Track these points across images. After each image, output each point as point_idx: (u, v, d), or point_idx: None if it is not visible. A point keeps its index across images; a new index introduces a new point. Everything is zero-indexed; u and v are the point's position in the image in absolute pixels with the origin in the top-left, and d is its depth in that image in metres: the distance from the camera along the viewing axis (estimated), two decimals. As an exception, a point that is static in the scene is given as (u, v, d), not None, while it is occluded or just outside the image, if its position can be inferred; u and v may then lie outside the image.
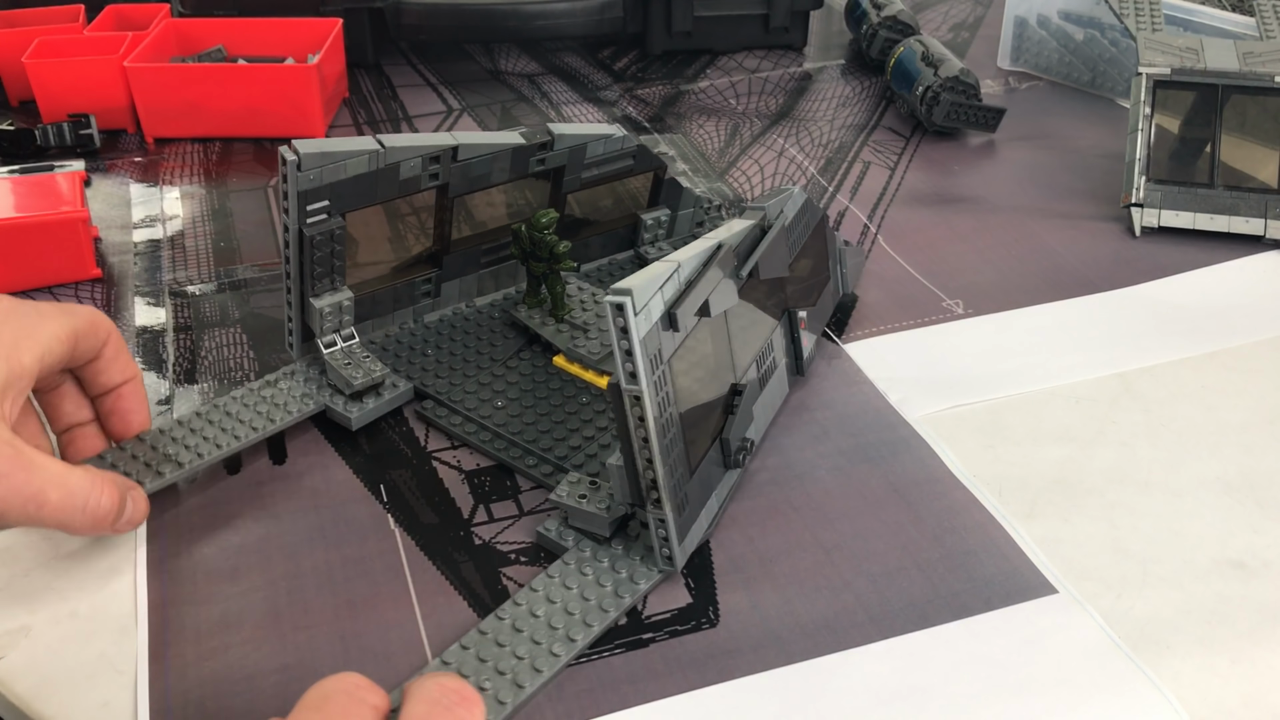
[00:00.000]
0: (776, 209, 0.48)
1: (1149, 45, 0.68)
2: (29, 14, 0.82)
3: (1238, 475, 0.47)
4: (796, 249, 0.50)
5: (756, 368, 0.47)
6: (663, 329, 0.39)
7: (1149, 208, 0.65)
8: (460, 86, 0.85)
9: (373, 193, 0.45)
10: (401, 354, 0.53)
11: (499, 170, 0.49)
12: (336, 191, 0.44)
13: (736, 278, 0.44)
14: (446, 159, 0.46)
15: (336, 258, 0.46)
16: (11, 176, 0.64)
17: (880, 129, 0.79)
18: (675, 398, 0.40)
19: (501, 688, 0.37)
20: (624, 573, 0.41)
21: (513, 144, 0.49)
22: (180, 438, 0.46)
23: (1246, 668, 0.38)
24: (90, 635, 0.40)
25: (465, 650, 0.38)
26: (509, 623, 0.39)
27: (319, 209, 0.43)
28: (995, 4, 1.02)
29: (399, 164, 0.45)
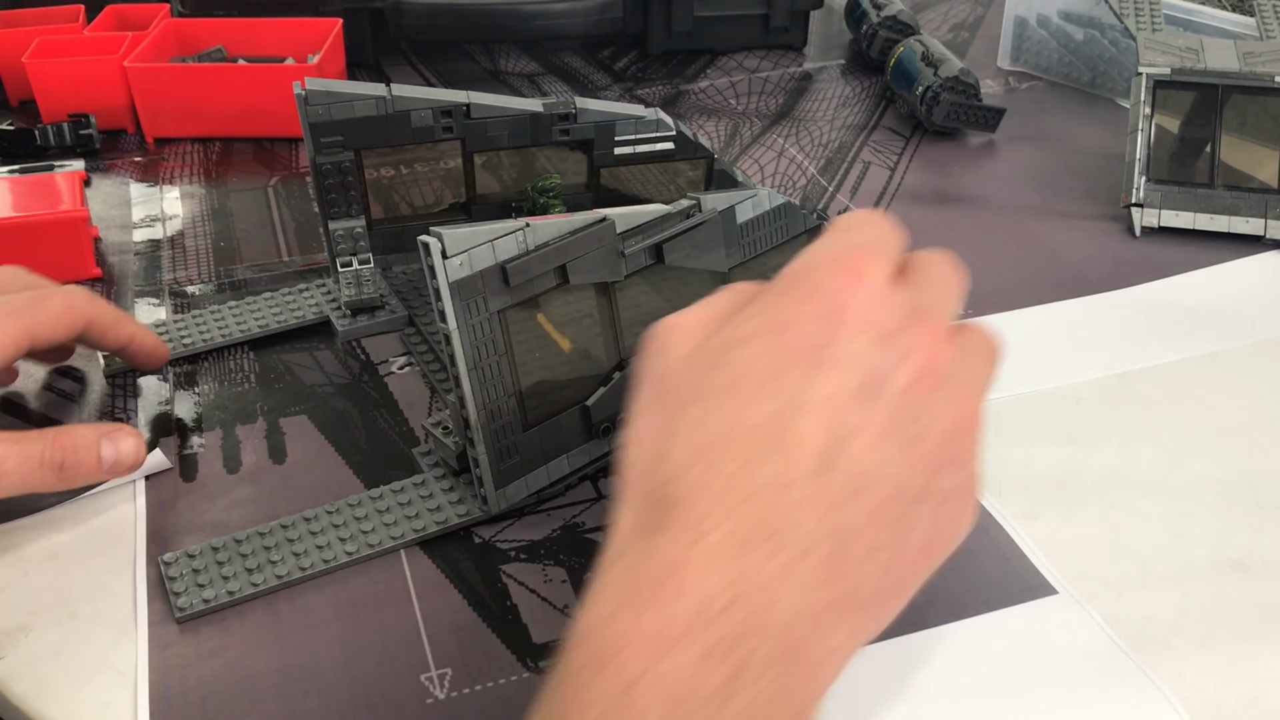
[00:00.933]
0: (721, 202, 0.47)
1: (1149, 45, 0.68)
2: (29, 14, 0.82)
3: (1238, 475, 0.47)
4: (756, 249, 0.49)
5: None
6: (494, 281, 0.41)
7: (1149, 208, 0.65)
8: (460, 86, 0.85)
9: (385, 136, 0.48)
10: (418, 287, 0.58)
11: (519, 134, 0.51)
12: (348, 129, 0.47)
13: (619, 255, 0.44)
14: (459, 115, 0.48)
15: (350, 188, 0.49)
16: (11, 176, 0.65)
17: (880, 129, 0.79)
18: (509, 349, 0.42)
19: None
20: (455, 500, 0.45)
21: (530, 110, 0.49)
22: (198, 324, 0.55)
23: (1246, 668, 0.38)
24: (90, 635, 0.40)
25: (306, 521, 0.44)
26: (333, 515, 0.44)
27: (332, 143, 0.46)
28: (995, 4, 1.02)
29: (409, 113, 0.48)
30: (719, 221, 0.47)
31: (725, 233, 0.47)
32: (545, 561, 0.43)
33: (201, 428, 0.50)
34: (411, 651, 0.39)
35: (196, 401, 0.52)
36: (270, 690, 0.38)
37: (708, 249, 0.47)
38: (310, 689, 0.38)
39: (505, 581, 0.42)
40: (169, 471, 0.47)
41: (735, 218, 0.47)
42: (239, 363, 0.54)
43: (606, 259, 0.44)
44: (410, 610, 0.41)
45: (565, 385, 0.45)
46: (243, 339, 0.55)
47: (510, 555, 0.43)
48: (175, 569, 0.42)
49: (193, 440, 0.49)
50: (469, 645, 0.40)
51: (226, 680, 0.38)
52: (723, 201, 0.47)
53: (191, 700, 0.38)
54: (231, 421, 0.50)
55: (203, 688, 0.38)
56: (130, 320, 0.49)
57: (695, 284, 0.48)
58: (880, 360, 0.30)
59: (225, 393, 0.52)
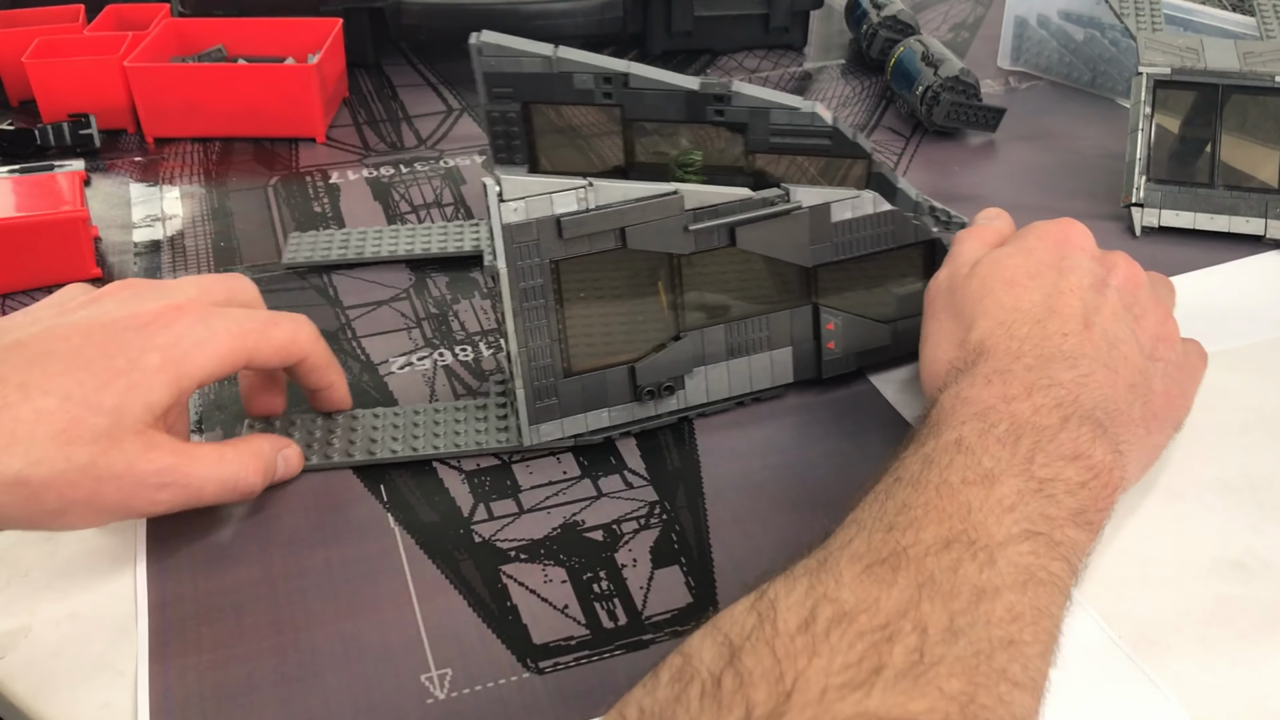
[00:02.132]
0: (814, 198, 0.48)
1: (1149, 45, 0.68)
2: (29, 14, 0.82)
3: (1238, 476, 0.47)
4: (852, 251, 0.50)
5: (725, 332, 0.49)
6: (549, 231, 0.45)
7: (1149, 208, 0.65)
8: (460, 86, 0.85)
9: (550, 93, 0.51)
10: None
11: (674, 109, 0.51)
12: (517, 82, 0.50)
13: (685, 230, 0.46)
14: (618, 82, 0.50)
15: (515, 138, 0.52)
16: (11, 176, 0.65)
17: (880, 129, 0.78)
18: (559, 298, 0.46)
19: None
20: (501, 428, 0.48)
21: (685, 87, 0.50)
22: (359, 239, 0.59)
23: (1246, 668, 0.38)
24: (90, 635, 0.40)
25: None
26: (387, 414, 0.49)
27: (503, 94, 0.50)
28: (995, 4, 1.02)
29: (572, 74, 0.49)
30: (807, 216, 0.48)
31: (814, 228, 0.49)
32: (545, 561, 0.43)
33: (202, 428, 0.50)
34: (411, 652, 0.39)
35: (197, 401, 0.52)
36: (270, 691, 0.38)
37: (792, 240, 0.48)
38: (310, 689, 0.38)
39: (505, 581, 0.42)
40: (169, 471, 0.47)
41: (830, 215, 0.49)
42: (239, 363, 0.54)
43: (672, 231, 0.46)
44: (410, 610, 0.41)
45: (615, 344, 0.48)
46: (400, 258, 0.61)
47: (510, 555, 0.43)
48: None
49: (193, 440, 0.49)
50: (469, 645, 0.40)
51: (227, 680, 0.38)
52: (815, 197, 0.48)
53: (191, 700, 0.38)
54: (231, 421, 0.50)
55: (203, 688, 0.38)
56: (337, 367, 0.49)
57: (775, 274, 0.49)
58: (1098, 269, 0.45)
59: (225, 393, 0.52)
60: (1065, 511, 0.35)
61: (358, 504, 0.46)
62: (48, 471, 0.38)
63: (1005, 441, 0.36)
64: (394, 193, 0.70)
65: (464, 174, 0.72)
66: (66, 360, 0.39)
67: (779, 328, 0.50)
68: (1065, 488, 0.36)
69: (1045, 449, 0.36)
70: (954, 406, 0.38)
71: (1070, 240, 0.46)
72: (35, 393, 0.38)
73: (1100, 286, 0.44)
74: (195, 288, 0.44)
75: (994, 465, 0.35)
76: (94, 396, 0.39)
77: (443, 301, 0.59)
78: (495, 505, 0.46)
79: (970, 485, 0.34)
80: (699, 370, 0.49)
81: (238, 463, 0.43)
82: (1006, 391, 0.38)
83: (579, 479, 0.47)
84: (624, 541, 0.44)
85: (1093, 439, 0.37)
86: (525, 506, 0.46)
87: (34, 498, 0.38)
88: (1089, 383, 0.39)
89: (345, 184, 0.71)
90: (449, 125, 0.79)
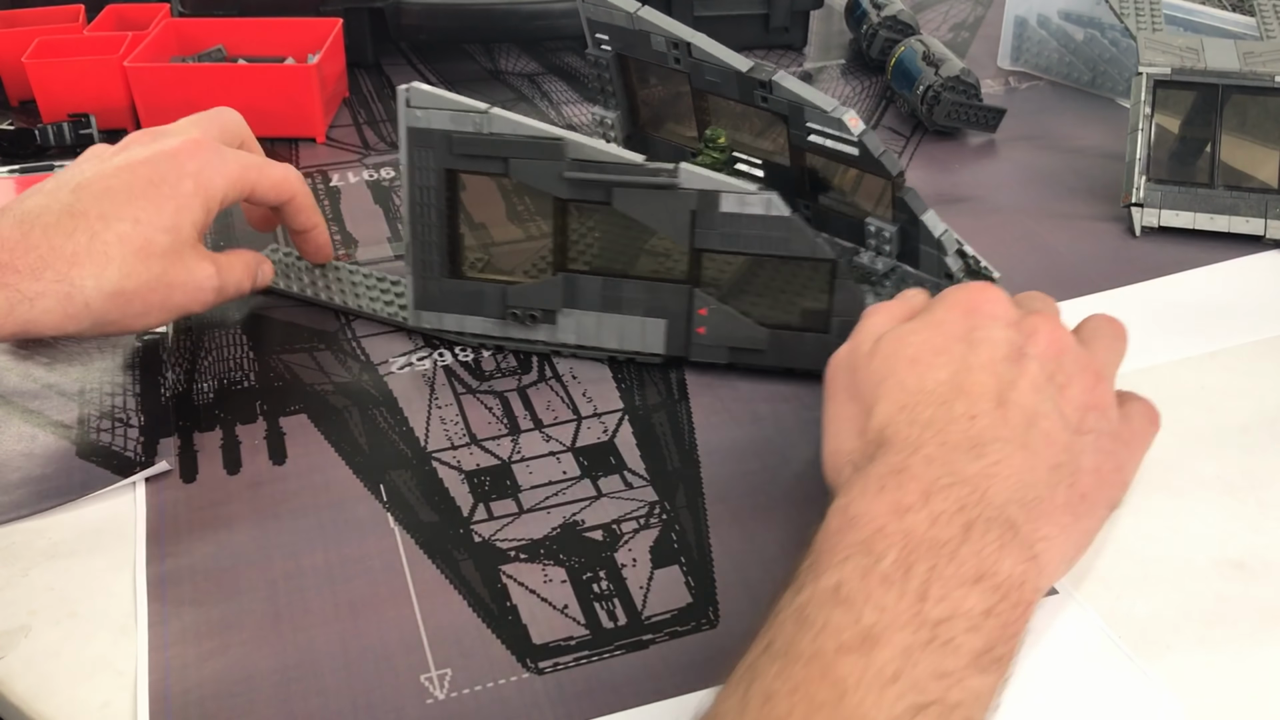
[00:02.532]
0: (705, 183, 0.48)
1: (1149, 45, 0.68)
2: (29, 14, 0.82)
3: (1238, 475, 0.47)
4: (738, 246, 0.49)
5: (603, 284, 0.51)
6: (443, 144, 0.50)
7: (1149, 208, 0.65)
8: (460, 86, 0.85)
9: (634, 48, 0.54)
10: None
11: (729, 86, 0.54)
12: (613, 31, 0.55)
13: (558, 176, 0.49)
14: (684, 49, 0.52)
15: (607, 84, 0.57)
16: (12, 176, 0.65)
17: (880, 129, 0.78)
18: (450, 207, 0.51)
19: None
20: (398, 300, 0.56)
21: (735, 68, 0.52)
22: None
23: (1246, 668, 0.38)
24: (90, 635, 0.40)
25: None
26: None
27: (603, 40, 0.55)
28: (995, 4, 1.02)
29: (649, 35, 0.53)
30: (693, 197, 0.49)
31: (702, 212, 0.49)
32: (545, 561, 0.43)
33: (201, 427, 0.50)
34: (411, 652, 0.39)
35: (197, 401, 0.52)
36: (270, 690, 0.38)
37: (671, 217, 0.49)
38: (310, 689, 0.38)
39: (505, 581, 0.42)
40: (169, 472, 0.47)
41: (718, 205, 0.49)
42: (239, 362, 0.54)
43: (550, 174, 0.49)
44: (410, 610, 0.41)
45: (497, 262, 0.53)
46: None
47: (510, 555, 0.43)
48: None
49: (193, 441, 0.49)
50: (469, 645, 0.40)
51: (226, 680, 0.38)
52: (707, 183, 0.48)
53: (191, 700, 0.38)
54: (231, 421, 0.50)
55: (203, 688, 0.38)
56: (319, 212, 0.57)
57: (661, 246, 0.50)
58: (1014, 338, 0.40)
59: (225, 392, 0.52)
60: (966, 658, 0.31)
61: (358, 504, 0.46)
62: (136, 282, 0.47)
63: (892, 580, 0.32)
64: (395, 195, 0.70)
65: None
66: (124, 193, 0.48)
67: (656, 297, 0.51)
68: (966, 624, 0.31)
69: (942, 575, 0.32)
70: (840, 531, 0.34)
71: (982, 309, 0.41)
72: (113, 220, 0.47)
73: (1016, 357, 0.39)
74: (196, 127, 0.52)
75: (876, 619, 0.31)
76: (155, 219, 0.48)
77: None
78: (495, 505, 0.46)
79: (847, 654, 0.30)
80: (571, 312, 0.52)
81: (241, 269, 0.53)
82: (900, 500, 0.34)
83: (579, 479, 0.47)
84: (624, 541, 0.44)
85: (1000, 548, 0.33)
86: (525, 506, 0.46)
87: (128, 304, 0.47)
88: (1000, 472, 0.35)
89: (345, 186, 0.71)
90: (449, 125, 0.79)
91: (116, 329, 0.48)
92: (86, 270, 0.46)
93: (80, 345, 0.55)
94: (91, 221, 0.46)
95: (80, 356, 0.54)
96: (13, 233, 0.45)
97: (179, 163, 0.49)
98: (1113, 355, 0.44)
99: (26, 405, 0.51)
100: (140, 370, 0.54)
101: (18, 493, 0.46)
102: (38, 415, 0.51)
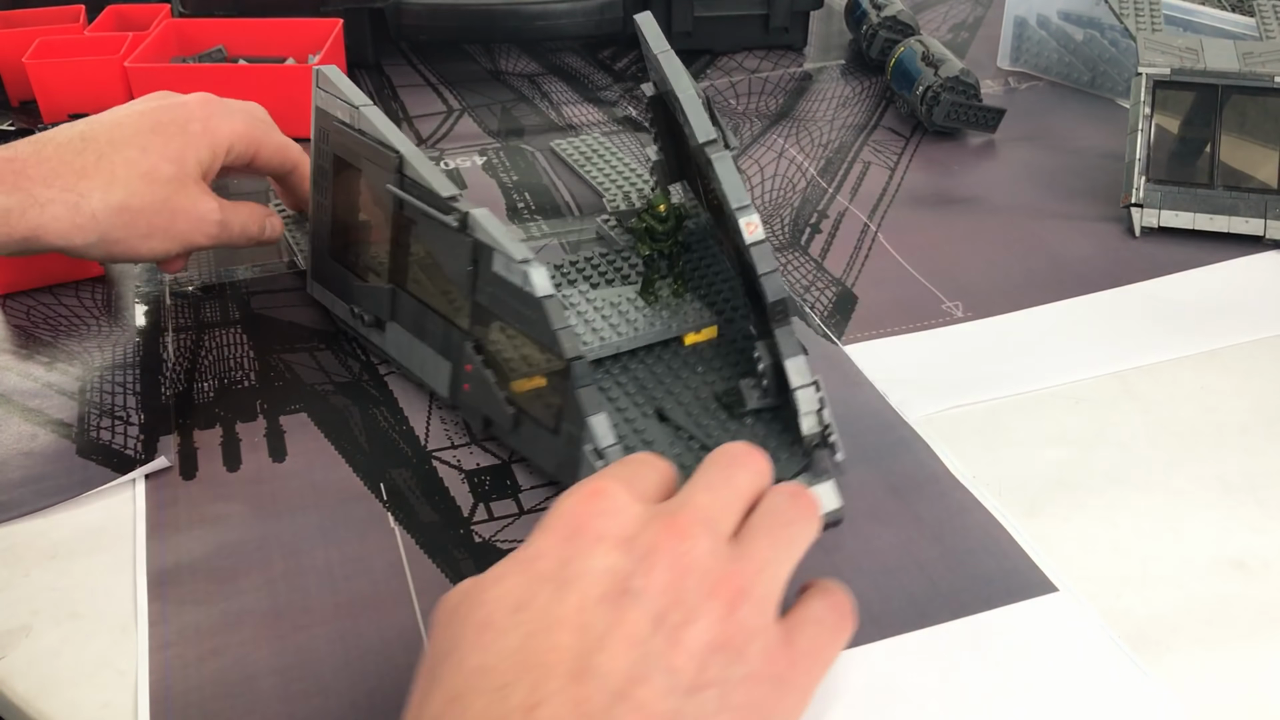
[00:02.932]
0: (485, 236, 0.44)
1: (1149, 45, 0.68)
2: (29, 14, 0.82)
3: (1238, 475, 0.47)
4: (497, 309, 0.45)
5: (416, 307, 0.50)
6: (330, 127, 0.52)
7: (1149, 208, 0.65)
8: (460, 86, 0.85)
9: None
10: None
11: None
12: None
13: (386, 187, 0.49)
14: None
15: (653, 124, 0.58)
16: (12, 176, 0.64)
17: (880, 129, 0.79)
18: (333, 191, 0.53)
19: None
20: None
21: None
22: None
23: (1246, 668, 0.38)
24: (90, 635, 0.40)
25: None
26: None
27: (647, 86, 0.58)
28: (995, 4, 1.02)
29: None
30: (469, 244, 0.45)
31: (480, 266, 0.45)
32: (545, 561, 0.43)
33: (201, 426, 0.50)
34: (411, 652, 0.39)
35: (197, 400, 0.52)
36: (270, 690, 0.38)
37: (454, 261, 0.46)
38: (310, 689, 0.38)
39: (505, 581, 0.42)
40: (169, 470, 0.47)
41: (491, 262, 0.44)
42: (239, 361, 0.54)
43: (381, 182, 0.49)
44: (410, 610, 0.41)
45: (358, 255, 0.53)
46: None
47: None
48: None
49: (193, 438, 0.49)
50: (469, 645, 0.39)
51: (227, 680, 0.38)
52: (486, 237, 0.44)
53: (192, 700, 0.38)
54: (231, 420, 0.50)
55: (203, 688, 0.38)
56: (294, 156, 0.58)
57: (455, 287, 0.47)
58: (622, 564, 0.31)
59: (225, 391, 0.52)
60: None
61: (358, 504, 0.46)
62: (140, 202, 0.50)
63: None
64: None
65: (464, 176, 0.72)
66: (136, 127, 0.52)
67: (448, 339, 0.48)
68: None
69: None
70: None
71: (588, 527, 0.32)
72: (121, 146, 0.51)
73: (618, 595, 0.30)
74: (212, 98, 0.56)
75: None
76: (162, 149, 0.52)
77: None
78: (495, 505, 0.46)
79: None
80: (395, 326, 0.51)
81: (249, 214, 0.56)
82: None
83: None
84: (624, 541, 0.44)
85: None
86: (525, 507, 0.46)
87: (132, 222, 0.50)
88: None
89: (345, 184, 0.71)
90: (449, 125, 0.79)
91: (123, 250, 0.51)
92: (94, 183, 0.49)
93: (80, 345, 0.55)
94: (101, 145, 0.51)
95: (80, 355, 0.55)
96: (27, 149, 0.49)
97: (188, 109, 0.54)
98: (782, 549, 0.34)
99: (26, 404, 0.51)
100: (140, 369, 0.54)
101: (18, 491, 0.46)
102: (38, 414, 0.51)
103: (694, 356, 0.50)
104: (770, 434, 0.45)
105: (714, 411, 0.46)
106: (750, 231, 0.43)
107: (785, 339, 0.44)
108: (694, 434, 0.45)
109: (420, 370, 0.51)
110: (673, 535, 0.32)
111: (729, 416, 0.46)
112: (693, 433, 0.45)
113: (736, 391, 0.47)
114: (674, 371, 0.49)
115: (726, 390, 0.47)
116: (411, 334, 0.50)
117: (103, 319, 0.58)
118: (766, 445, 0.44)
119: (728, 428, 0.45)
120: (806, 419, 0.43)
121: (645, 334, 0.50)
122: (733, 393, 0.47)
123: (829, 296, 0.59)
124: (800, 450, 0.44)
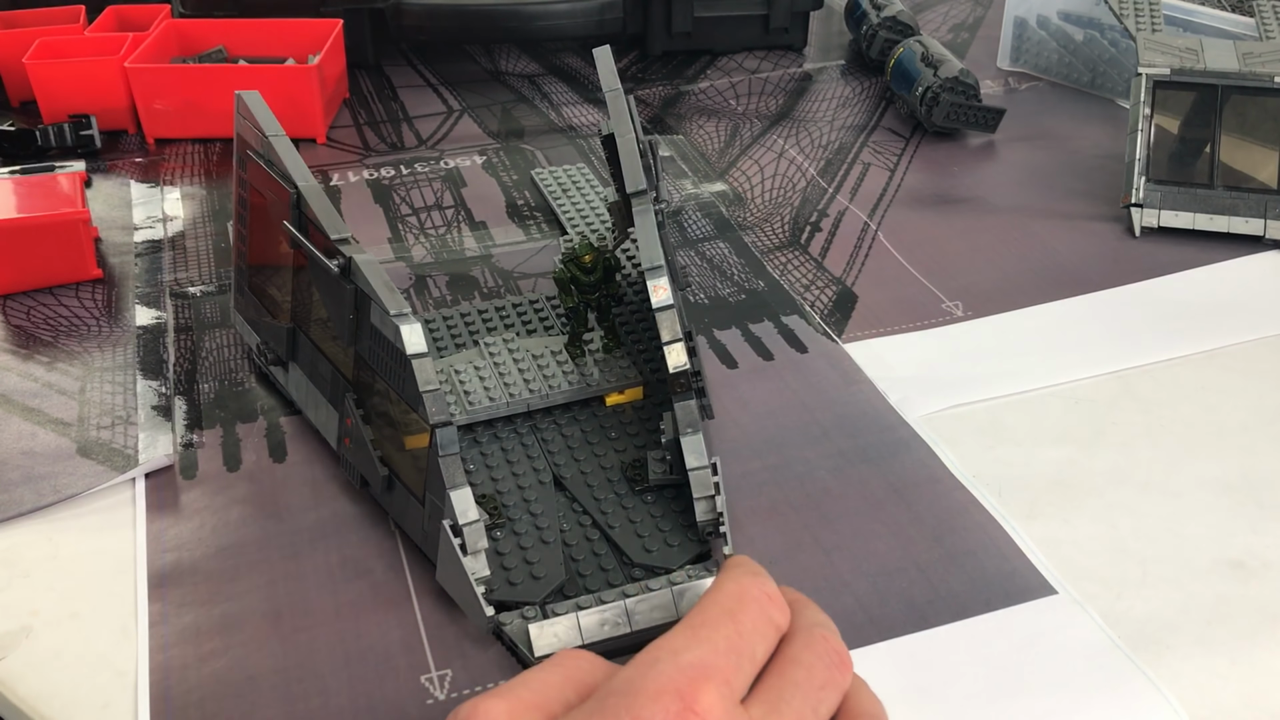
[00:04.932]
0: (366, 287, 0.41)
1: (1149, 45, 0.68)
2: (29, 14, 0.82)
3: (1238, 475, 0.47)
4: (373, 364, 0.42)
5: (310, 350, 0.47)
6: (248, 158, 0.50)
7: (1149, 208, 0.65)
8: (460, 87, 0.85)
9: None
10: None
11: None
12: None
13: (284, 221, 0.46)
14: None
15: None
16: (12, 177, 0.65)
17: (880, 129, 0.79)
18: (246, 217, 0.51)
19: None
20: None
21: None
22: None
23: (1246, 668, 0.38)
24: (90, 635, 0.40)
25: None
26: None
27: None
28: (995, 4, 1.02)
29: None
30: (351, 293, 0.42)
31: (361, 316, 0.43)
32: (545, 561, 0.43)
33: (202, 426, 0.50)
34: (412, 652, 0.39)
35: (197, 400, 0.52)
36: (270, 691, 0.38)
37: (338, 307, 0.44)
38: (310, 689, 0.38)
39: (505, 581, 0.42)
40: (169, 470, 0.47)
41: (370, 314, 0.42)
42: (238, 361, 0.54)
43: (279, 215, 0.47)
44: (410, 611, 0.41)
45: (267, 291, 0.51)
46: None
47: (510, 555, 0.43)
48: None
49: (193, 439, 0.49)
50: (469, 646, 0.40)
51: (227, 681, 0.38)
52: (366, 286, 0.41)
53: (192, 701, 0.38)
54: (231, 420, 0.50)
55: (203, 688, 0.38)
56: None
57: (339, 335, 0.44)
58: None
59: (225, 391, 0.52)
60: None
61: (358, 504, 0.46)
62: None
63: None
64: (395, 195, 0.70)
65: (464, 176, 0.72)
66: None
67: (335, 388, 0.46)
68: None
69: None
70: None
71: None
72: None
73: None
74: None
75: None
76: None
77: (443, 301, 0.59)
78: (495, 505, 0.46)
79: None
80: (295, 367, 0.49)
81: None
82: None
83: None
84: (624, 542, 0.44)
85: None
86: (525, 507, 0.46)
87: None
88: None
89: (346, 185, 0.71)
90: (449, 125, 0.79)
91: None
92: None
93: (80, 345, 0.55)
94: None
95: (80, 355, 0.55)
96: None
97: None
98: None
99: (26, 403, 0.51)
100: (140, 369, 0.54)
101: (18, 491, 0.46)
102: (38, 413, 0.51)
103: (612, 419, 0.47)
104: (667, 515, 0.43)
105: (616, 484, 0.44)
106: (657, 295, 0.41)
107: (684, 413, 0.42)
108: (586, 508, 0.43)
109: (314, 417, 0.48)
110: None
111: (629, 491, 0.44)
112: (585, 507, 0.43)
113: (643, 463, 0.45)
114: (586, 435, 0.47)
115: (635, 460, 0.45)
116: (308, 378, 0.48)
117: (103, 319, 0.58)
118: (660, 528, 0.42)
119: (624, 504, 0.43)
120: (699, 504, 0.41)
121: (562, 392, 0.47)
122: (640, 464, 0.45)
123: (829, 295, 0.59)
124: (696, 536, 0.42)
